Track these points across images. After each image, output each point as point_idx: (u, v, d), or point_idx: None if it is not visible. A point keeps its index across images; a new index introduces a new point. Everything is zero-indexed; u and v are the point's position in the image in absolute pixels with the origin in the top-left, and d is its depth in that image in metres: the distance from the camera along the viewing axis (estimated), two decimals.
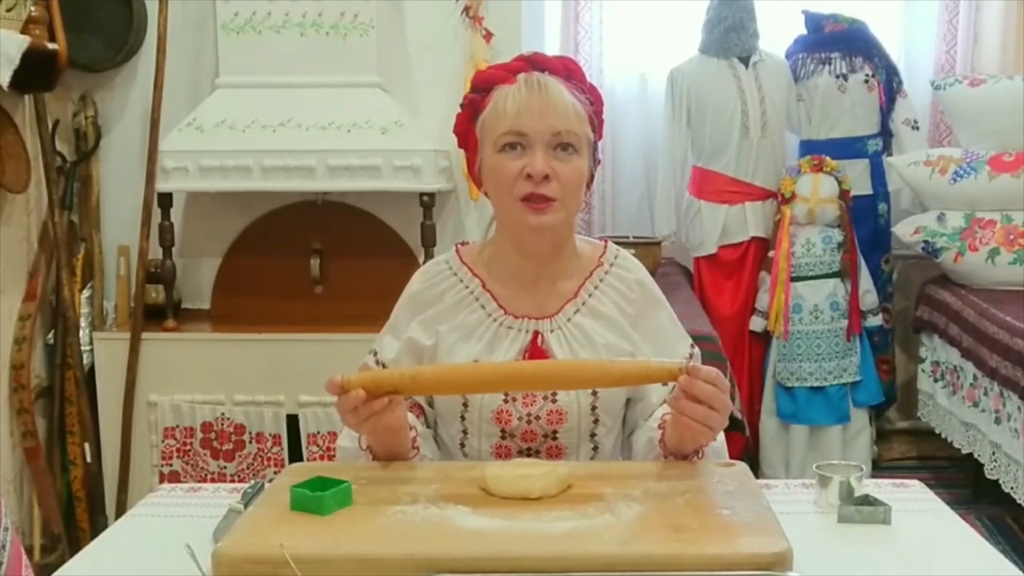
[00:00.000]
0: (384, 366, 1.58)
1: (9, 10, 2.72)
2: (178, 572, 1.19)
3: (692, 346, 1.63)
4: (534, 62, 1.54)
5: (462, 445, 1.59)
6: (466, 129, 1.58)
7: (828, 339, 3.60)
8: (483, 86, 1.55)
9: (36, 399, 3.12)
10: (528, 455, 1.55)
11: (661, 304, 1.64)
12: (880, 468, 3.78)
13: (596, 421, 1.56)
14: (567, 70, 1.54)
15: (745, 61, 3.71)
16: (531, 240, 1.54)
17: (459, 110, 1.59)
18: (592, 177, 1.58)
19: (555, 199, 1.48)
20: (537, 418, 1.54)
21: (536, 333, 1.56)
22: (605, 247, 1.64)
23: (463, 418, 1.56)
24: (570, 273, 1.60)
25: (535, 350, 1.54)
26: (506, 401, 1.53)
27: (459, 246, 1.66)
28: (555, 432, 1.54)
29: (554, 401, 1.53)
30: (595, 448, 1.58)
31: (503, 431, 1.55)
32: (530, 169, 1.46)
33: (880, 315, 3.76)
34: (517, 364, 1.51)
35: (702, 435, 1.38)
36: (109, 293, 3.41)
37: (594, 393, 1.54)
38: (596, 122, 1.56)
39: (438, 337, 1.58)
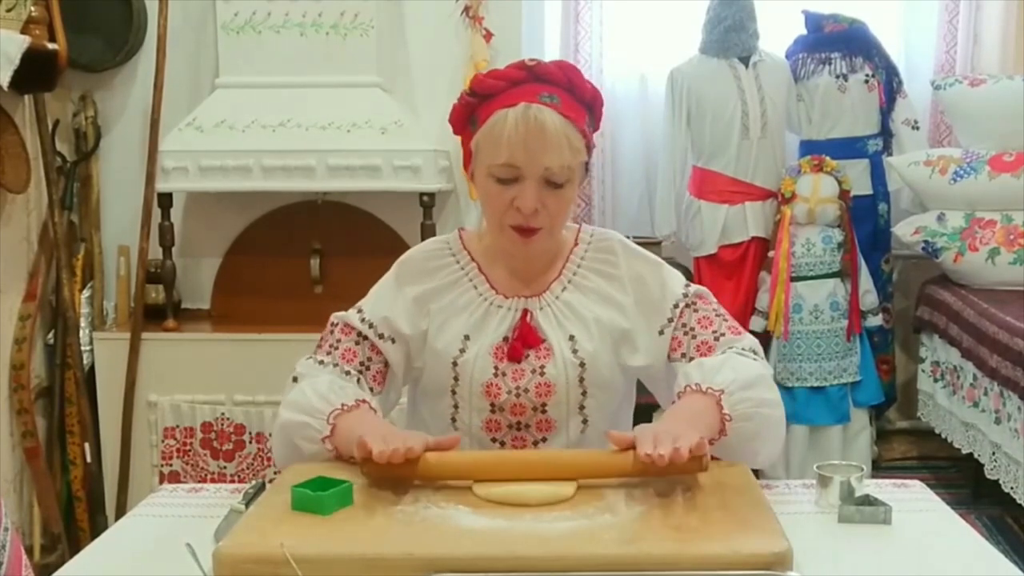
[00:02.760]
0: (372, 325, 1.60)
1: (9, 10, 2.71)
2: (179, 572, 1.19)
3: (687, 285, 1.63)
4: (536, 73, 1.52)
5: (452, 420, 1.62)
6: (461, 125, 1.59)
7: (828, 339, 3.60)
8: (481, 92, 1.54)
9: (36, 399, 3.12)
10: (518, 429, 1.59)
11: (641, 255, 1.65)
12: (880, 468, 3.78)
13: (584, 394, 1.59)
14: (568, 79, 1.53)
15: (745, 61, 3.70)
16: (519, 256, 1.60)
17: (456, 101, 1.60)
18: (585, 172, 1.59)
19: (543, 228, 1.53)
20: (526, 391, 1.58)
21: (525, 311, 1.60)
22: (580, 228, 1.68)
23: (454, 392, 1.60)
24: (555, 253, 1.64)
25: (524, 327, 1.59)
26: (496, 375, 1.58)
27: (461, 230, 1.71)
28: (544, 405, 1.58)
29: (542, 374, 1.57)
30: (584, 421, 1.61)
31: (492, 404, 1.58)
32: (520, 204, 1.50)
33: (880, 315, 3.76)
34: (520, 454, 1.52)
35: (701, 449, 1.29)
36: (109, 293, 3.41)
37: (582, 365, 1.58)
38: (593, 128, 1.57)
39: (430, 316, 1.61)
